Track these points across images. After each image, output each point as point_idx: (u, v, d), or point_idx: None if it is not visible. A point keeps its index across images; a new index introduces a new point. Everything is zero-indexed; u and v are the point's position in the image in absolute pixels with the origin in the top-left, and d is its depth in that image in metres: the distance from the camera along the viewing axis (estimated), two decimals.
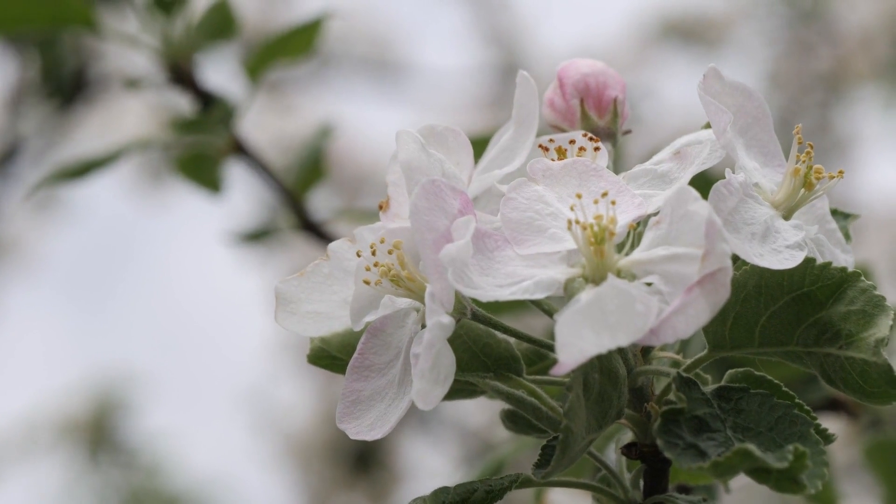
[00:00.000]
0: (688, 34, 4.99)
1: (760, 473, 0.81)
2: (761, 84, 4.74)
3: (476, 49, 4.91)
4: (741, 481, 1.17)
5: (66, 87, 3.13)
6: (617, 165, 0.98)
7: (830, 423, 1.42)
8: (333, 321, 0.96)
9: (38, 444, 5.05)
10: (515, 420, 0.96)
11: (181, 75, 1.66)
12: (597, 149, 0.92)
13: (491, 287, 0.83)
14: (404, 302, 0.90)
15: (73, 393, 5.06)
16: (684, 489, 1.12)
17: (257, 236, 1.80)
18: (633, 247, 0.85)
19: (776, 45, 4.86)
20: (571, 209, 0.85)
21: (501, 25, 4.87)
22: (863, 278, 0.86)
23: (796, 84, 4.72)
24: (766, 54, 4.88)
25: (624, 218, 0.84)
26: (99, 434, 5.06)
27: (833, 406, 1.53)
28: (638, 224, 0.86)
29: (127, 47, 1.67)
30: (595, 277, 0.83)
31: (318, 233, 1.75)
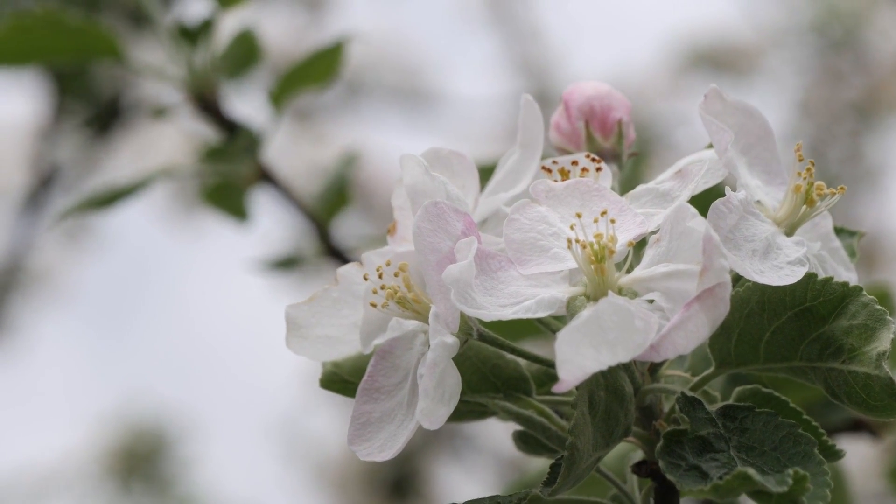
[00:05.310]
0: (718, 63, 4.98)
1: (761, 496, 0.81)
2: (792, 113, 4.73)
3: (506, 78, 4.92)
4: None
5: (102, 114, 3.14)
6: (634, 185, 0.98)
7: (854, 445, 1.42)
8: (344, 345, 0.96)
9: (71, 474, 5.07)
10: (527, 440, 0.97)
11: (206, 105, 1.66)
12: (599, 169, 0.92)
13: (494, 307, 0.84)
14: (412, 324, 0.90)
15: (106, 423, 5.07)
16: None
17: (283, 264, 1.80)
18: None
19: (807, 73, 4.84)
20: (572, 228, 0.86)
21: (532, 55, 4.88)
22: (864, 293, 0.86)
23: (827, 113, 4.70)
24: (797, 83, 4.86)
25: (624, 236, 0.85)
26: (132, 464, 5.07)
27: (857, 427, 1.51)
28: (641, 242, 0.87)
29: (153, 79, 1.68)
30: (596, 295, 0.84)
31: (345, 260, 1.73)
